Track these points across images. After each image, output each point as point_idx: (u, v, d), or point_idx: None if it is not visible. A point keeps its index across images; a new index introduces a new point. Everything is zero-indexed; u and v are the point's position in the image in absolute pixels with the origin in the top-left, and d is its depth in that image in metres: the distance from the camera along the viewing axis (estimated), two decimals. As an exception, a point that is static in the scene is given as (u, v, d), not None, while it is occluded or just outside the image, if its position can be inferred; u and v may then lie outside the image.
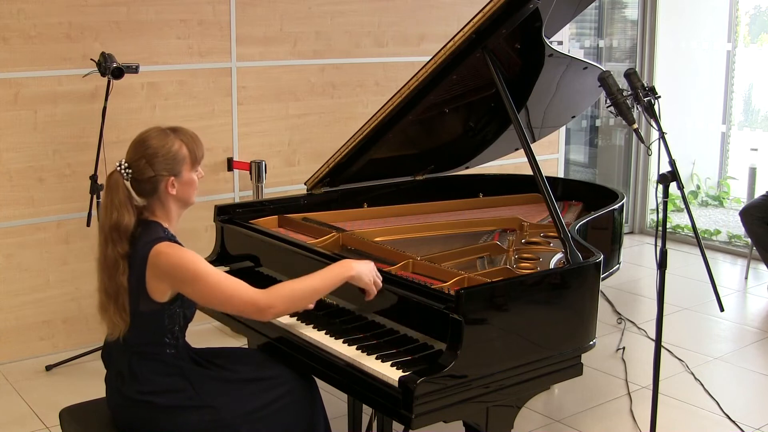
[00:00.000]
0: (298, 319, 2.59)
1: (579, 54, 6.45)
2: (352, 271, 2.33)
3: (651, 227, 6.67)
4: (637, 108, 2.71)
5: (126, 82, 3.92)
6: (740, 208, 5.29)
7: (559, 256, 2.79)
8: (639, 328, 4.55)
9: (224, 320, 2.93)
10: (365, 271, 2.34)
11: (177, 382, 2.29)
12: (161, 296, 2.23)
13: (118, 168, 2.26)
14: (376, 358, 2.27)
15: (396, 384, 2.14)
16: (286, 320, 2.59)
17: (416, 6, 5.05)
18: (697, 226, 2.72)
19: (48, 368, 3.93)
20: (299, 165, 4.76)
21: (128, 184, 2.25)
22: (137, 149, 2.27)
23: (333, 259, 2.64)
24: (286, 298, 2.26)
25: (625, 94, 2.69)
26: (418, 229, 3.25)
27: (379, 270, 2.52)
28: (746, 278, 5.53)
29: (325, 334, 2.46)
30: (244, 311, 2.24)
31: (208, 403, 2.29)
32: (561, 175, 6.00)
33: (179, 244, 2.25)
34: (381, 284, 2.37)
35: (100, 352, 3.99)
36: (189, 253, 2.20)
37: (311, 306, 2.41)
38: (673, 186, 2.64)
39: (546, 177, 2.74)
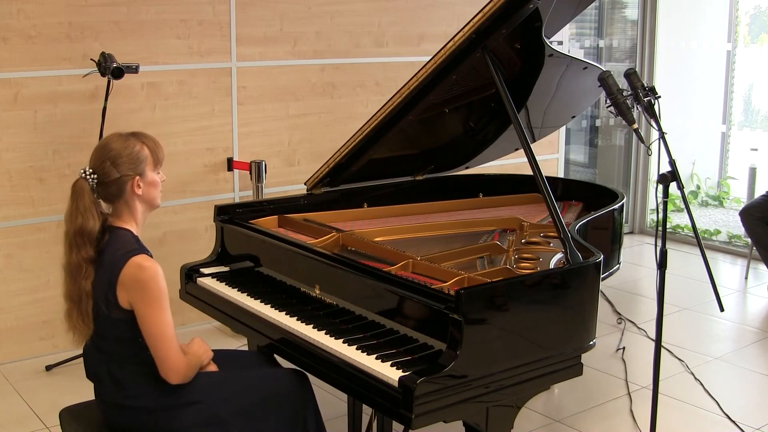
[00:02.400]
0: (298, 319, 2.59)
1: (579, 54, 6.45)
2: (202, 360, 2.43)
3: (651, 227, 6.67)
4: (637, 108, 2.71)
5: (126, 82, 3.92)
6: (740, 208, 5.29)
7: (559, 256, 2.79)
8: (639, 328, 4.55)
9: (225, 320, 2.93)
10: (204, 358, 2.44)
11: (163, 382, 2.28)
12: (127, 305, 2.24)
13: (83, 174, 2.29)
14: (376, 358, 2.27)
15: (396, 384, 2.14)
16: (286, 320, 2.60)
17: (416, 6, 5.05)
18: (697, 226, 2.72)
19: (48, 368, 3.94)
20: (299, 165, 4.76)
21: (93, 189, 2.28)
22: (100, 154, 2.31)
23: (333, 259, 2.64)
24: (194, 369, 2.33)
25: (625, 94, 2.69)
26: (418, 229, 3.25)
27: (380, 270, 2.52)
28: (746, 278, 5.53)
29: (325, 334, 2.46)
30: (165, 360, 2.23)
31: (199, 399, 2.30)
32: (561, 175, 6.00)
33: (151, 256, 2.27)
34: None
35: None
36: (162, 277, 2.23)
37: None
38: (673, 186, 2.64)
39: (546, 177, 2.74)
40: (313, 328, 2.51)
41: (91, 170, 2.29)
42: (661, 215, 2.66)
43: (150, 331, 2.22)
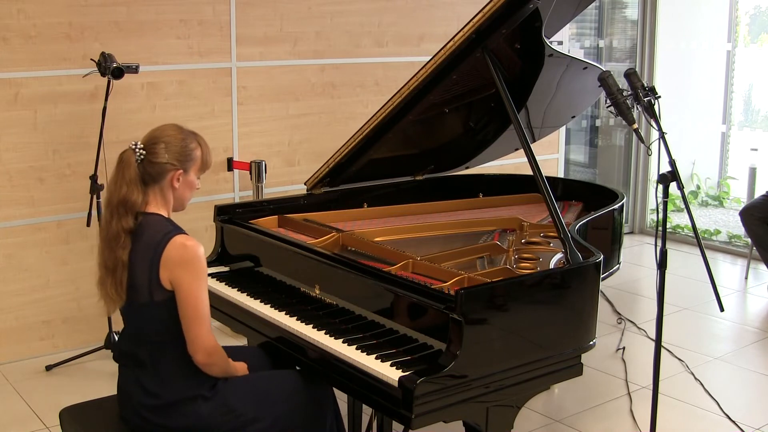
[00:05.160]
0: (297, 319, 2.59)
1: (579, 54, 6.45)
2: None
3: (651, 227, 6.67)
4: (637, 108, 2.70)
5: (126, 82, 3.92)
6: (740, 208, 5.29)
7: (559, 256, 2.79)
8: (639, 328, 4.55)
9: (224, 320, 2.93)
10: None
11: (198, 371, 2.31)
12: (169, 286, 2.26)
13: (133, 147, 2.30)
14: (376, 358, 2.27)
15: (396, 384, 2.14)
16: (286, 320, 2.60)
17: (416, 6, 5.05)
18: (697, 226, 2.72)
19: (48, 368, 3.93)
20: (299, 165, 4.76)
21: (138, 164, 2.29)
22: (156, 134, 2.33)
23: (333, 259, 2.64)
24: (223, 361, 2.34)
25: (625, 94, 2.69)
26: (418, 229, 3.25)
27: (380, 270, 2.52)
28: (746, 278, 5.53)
29: (325, 334, 2.46)
30: (198, 337, 2.26)
31: (221, 391, 2.32)
32: (561, 175, 6.00)
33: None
34: None
35: (99, 352, 4.03)
36: (204, 255, 2.28)
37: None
38: (673, 186, 2.64)
39: (546, 177, 2.74)
40: (313, 327, 2.51)
41: (142, 146, 2.30)
42: (661, 215, 2.66)
43: (189, 307, 2.24)
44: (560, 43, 5.65)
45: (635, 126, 2.67)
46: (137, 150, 2.30)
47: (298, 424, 2.42)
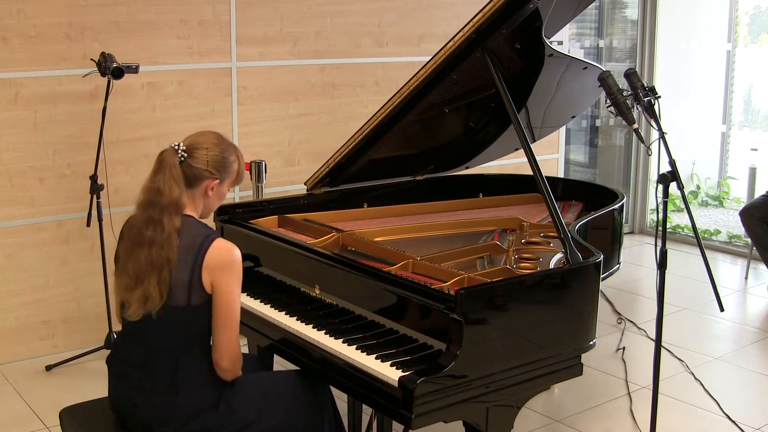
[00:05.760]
0: (297, 319, 2.59)
1: (579, 54, 6.45)
2: None
3: (651, 227, 6.67)
4: (637, 108, 2.71)
5: (126, 82, 3.92)
6: (740, 208, 5.29)
7: (559, 256, 2.79)
8: (639, 328, 4.55)
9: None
10: None
11: (217, 380, 2.30)
12: (209, 289, 2.24)
13: (175, 147, 2.28)
14: (376, 358, 2.27)
15: (396, 384, 2.14)
16: (286, 320, 2.60)
17: (416, 6, 5.05)
18: (697, 226, 2.72)
19: (48, 368, 3.93)
20: (299, 165, 4.76)
21: (180, 165, 2.27)
22: (200, 139, 2.32)
23: (333, 259, 2.64)
24: (237, 375, 2.33)
25: (625, 94, 2.69)
26: (418, 229, 3.25)
27: (380, 270, 2.52)
28: (746, 278, 5.53)
29: (325, 334, 2.46)
30: (229, 342, 2.25)
31: (225, 396, 2.31)
32: (561, 175, 6.00)
33: None
34: None
35: (99, 352, 4.03)
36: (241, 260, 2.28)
37: None
38: (673, 186, 2.64)
39: (546, 177, 2.74)
40: (313, 327, 2.51)
41: (184, 147, 2.29)
42: (661, 215, 2.66)
43: (224, 310, 2.23)
44: (560, 43, 5.65)
45: (635, 126, 2.67)
46: (179, 150, 2.28)
47: (299, 424, 2.42)
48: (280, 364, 2.99)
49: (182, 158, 2.28)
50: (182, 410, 2.24)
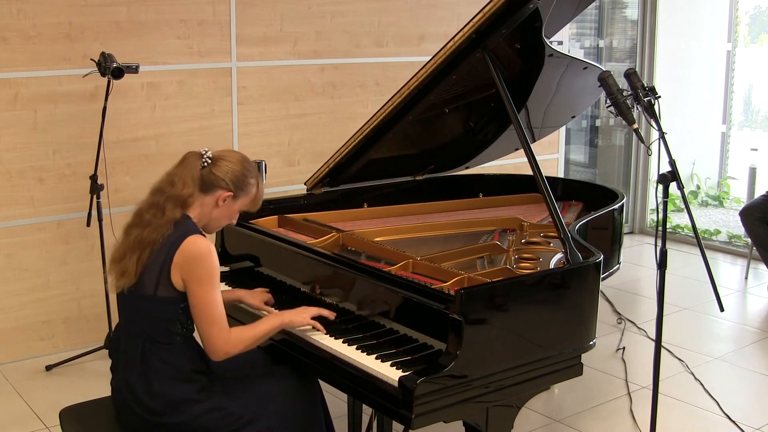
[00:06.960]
0: (298, 319, 2.59)
1: (579, 54, 6.45)
2: (285, 319, 2.45)
3: (651, 227, 6.67)
4: (637, 108, 2.71)
5: (126, 82, 3.92)
6: (740, 208, 5.29)
7: (559, 256, 2.79)
8: (639, 328, 4.55)
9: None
10: (297, 319, 2.46)
11: (194, 370, 2.32)
12: (179, 285, 2.28)
13: (203, 152, 2.36)
14: (376, 358, 2.27)
15: (396, 384, 2.14)
16: (286, 320, 2.59)
17: (416, 6, 5.05)
18: (697, 226, 2.72)
19: (48, 368, 3.93)
20: (299, 165, 4.76)
21: (202, 169, 2.34)
22: (228, 154, 2.41)
23: (333, 259, 2.64)
24: (242, 345, 2.34)
25: (625, 94, 2.69)
26: (418, 229, 3.24)
27: (380, 270, 2.52)
28: (746, 278, 5.53)
29: (325, 334, 2.46)
30: (209, 337, 2.29)
31: (217, 393, 2.33)
32: (561, 175, 6.00)
33: None
34: (331, 315, 2.49)
35: (99, 352, 4.03)
36: (215, 255, 2.30)
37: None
38: (673, 186, 2.64)
39: (546, 177, 2.74)
40: (313, 327, 2.51)
41: (211, 154, 2.37)
42: (661, 215, 2.66)
43: (199, 307, 2.26)
44: (560, 43, 5.65)
45: (635, 126, 2.67)
46: (205, 156, 2.36)
47: (294, 422, 2.42)
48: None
49: (205, 163, 2.35)
50: (158, 398, 2.28)
